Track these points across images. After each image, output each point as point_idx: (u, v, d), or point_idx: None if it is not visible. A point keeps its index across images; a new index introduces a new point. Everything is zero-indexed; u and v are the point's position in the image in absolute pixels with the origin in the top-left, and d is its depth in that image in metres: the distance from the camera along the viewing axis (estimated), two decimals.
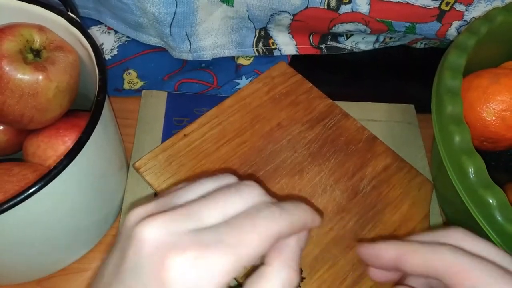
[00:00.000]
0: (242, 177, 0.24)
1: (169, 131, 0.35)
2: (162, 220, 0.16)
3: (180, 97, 0.37)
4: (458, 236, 0.19)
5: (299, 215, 0.18)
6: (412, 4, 0.34)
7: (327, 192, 0.31)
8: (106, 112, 0.25)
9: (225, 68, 0.40)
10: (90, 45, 0.26)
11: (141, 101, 0.36)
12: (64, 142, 0.27)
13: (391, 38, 0.40)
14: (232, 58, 0.41)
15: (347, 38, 0.40)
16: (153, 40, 0.39)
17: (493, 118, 0.29)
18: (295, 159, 0.32)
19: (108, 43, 0.40)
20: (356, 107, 0.37)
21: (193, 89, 0.38)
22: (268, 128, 0.33)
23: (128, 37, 0.40)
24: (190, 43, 0.38)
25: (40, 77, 0.25)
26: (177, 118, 0.36)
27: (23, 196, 0.21)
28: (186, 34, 0.37)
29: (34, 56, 0.26)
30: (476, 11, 0.34)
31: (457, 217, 0.30)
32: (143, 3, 0.34)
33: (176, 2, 0.34)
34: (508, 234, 0.23)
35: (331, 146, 0.33)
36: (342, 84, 0.40)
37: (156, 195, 0.31)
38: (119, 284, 0.15)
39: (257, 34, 0.39)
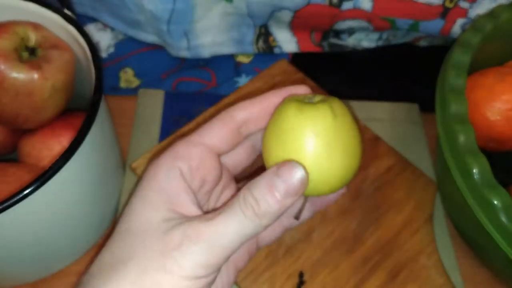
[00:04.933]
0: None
1: (166, 131, 0.34)
2: None
3: (177, 96, 0.37)
4: None
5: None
6: (416, 1, 0.33)
7: None
8: (102, 112, 0.25)
9: (224, 66, 0.40)
10: (86, 43, 0.26)
11: (138, 100, 0.36)
12: (59, 142, 0.27)
13: (394, 35, 0.40)
14: (231, 56, 0.40)
15: (350, 35, 0.40)
16: (150, 38, 0.39)
17: (498, 117, 0.29)
18: None
19: (105, 40, 0.40)
20: (359, 106, 0.37)
21: (191, 88, 0.38)
22: None
23: (125, 34, 0.40)
24: (188, 40, 0.37)
25: (36, 76, 0.25)
26: (175, 117, 0.35)
27: (18, 197, 0.20)
28: (184, 32, 0.37)
29: (29, 54, 0.26)
30: (480, 8, 0.34)
31: (461, 218, 0.30)
32: None
33: None
34: None
35: None
36: (344, 83, 0.40)
37: None
38: None
39: (257, 32, 0.39)
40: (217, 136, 0.19)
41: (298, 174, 0.17)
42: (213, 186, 0.20)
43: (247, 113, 0.20)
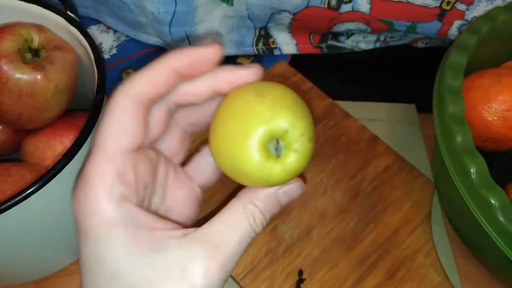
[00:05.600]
0: None
1: None
2: None
3: None
4: None
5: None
6: (413, 4, 0.34)
7: (328, 193, 0.31)
8: None
9: None
10: (89, 45, 0.26)
11: None
12: (62, 142, 0.27)
13: (392, 37, 0.40)
14: (232, 57, 0.41)
15: (348, 37, 0.40)
16: (152, 40, 0.39)
17: (495, 118, 0.29)
18: None
19: (107, 42, 0.40)
20: (357, 107, 0.37)
21: None
22: None
23: (127, 36, 0.40)
24: (190, 42, 0.38)
25: (39, 77, 0.25)
26: None
27: (21, 197, 0.20)
28: (186, 34, 0.37)
29: (32, 55, 0.26)
30: (477, 10, 0.34)
31: (458, 217, 0.30)
32: (142, 1, 0.34)
33: (176, 1, 0.34)
34: (510, 235, 0.23)
35: (332, 146, 0.33)
36: (342, 84, 0.40)
37: None
38: None
39: (257, 33, 0.39)
40: (129, 133, 0.16)
41: (300, 191, 0.18)
42: (153, 181, 0.18)
43: (146, 88, 0.16)
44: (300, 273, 0.28)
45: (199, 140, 0.27)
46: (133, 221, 0.15)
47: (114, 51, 0.40)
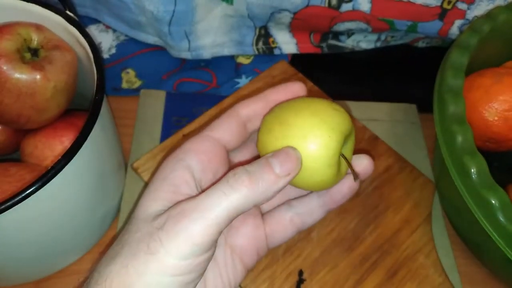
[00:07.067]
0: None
1: (168, 131, 0.34)
2: None
3: (179, 97, 0.37)
4: None
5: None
6: (414, 3, 0.34)
7: None
8: (104, 112, 0.25)
9: (224, 67, 0.40)
10: (88, 44, 0.26)
11: (140, 101, 0.36)
12: (61, 142, 0.27)
13: (392, 37, 0.40)
14: (232, 57, 0.41)
15: (349, 36, 0.40)
16: (151, 39, 0.39)
17: (496, 118, 0.29)
18: None
19: (106, 41, 0.40)
20: (358, 107, 0.37)
21: (192, 88, 0.38)
22: None
23: (126, 35, 0.40)
24: (189, 41, 0.38)
25: (38, 77, 0.25)
26: (176, 117, 0.35)
27: (20, 197, 0.20)
28: (185, 33, 0.37)
29: (31, 55, 0.26)
30: (478, 10, 0.34)
31: (459, 217, 0.30)
32: (142, 1, 0.34)
33: (175, 0, 0.34)
34: (510, 235, 0.23)
35: None
36: (343, 84, 0.40)
37: None
38: None
39: (257, 33, 0.39)
40: (226, 130, 0.20)
41: (294, 155, 0.18)
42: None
43: (251, 110, 0.21)
44: (300, 273, 0.28)
45: None
46: (174, 178, 0.18)
47: (113, 50, 0.40)
